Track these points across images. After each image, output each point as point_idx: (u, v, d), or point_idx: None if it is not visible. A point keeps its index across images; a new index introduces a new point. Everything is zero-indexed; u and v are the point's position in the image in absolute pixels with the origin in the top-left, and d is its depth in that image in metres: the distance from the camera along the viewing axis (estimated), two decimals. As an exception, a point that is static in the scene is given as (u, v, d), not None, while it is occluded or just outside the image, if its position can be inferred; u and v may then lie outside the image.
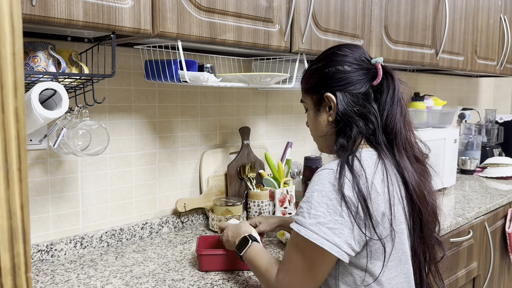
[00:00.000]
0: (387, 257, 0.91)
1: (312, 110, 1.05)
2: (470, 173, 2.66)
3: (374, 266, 0.91)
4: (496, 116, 3.14)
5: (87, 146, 1.20)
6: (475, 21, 2.34)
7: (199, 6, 1.19)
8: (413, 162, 0.99)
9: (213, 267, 1.22)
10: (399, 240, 0.93)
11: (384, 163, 0.93)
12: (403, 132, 0.98)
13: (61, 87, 1.06)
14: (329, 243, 0.86)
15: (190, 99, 1.64)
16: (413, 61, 1.94)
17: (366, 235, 0.87)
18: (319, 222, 0.87)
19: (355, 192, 0.87)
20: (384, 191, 0.90)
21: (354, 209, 0.86)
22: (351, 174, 0.88)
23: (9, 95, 0.44)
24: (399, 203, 0.93)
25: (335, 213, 0.87)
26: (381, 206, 0.89)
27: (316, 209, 0.88)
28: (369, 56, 1.02)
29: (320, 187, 0.89)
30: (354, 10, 1.63)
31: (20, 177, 0.45)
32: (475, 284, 2.03)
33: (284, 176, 1.78)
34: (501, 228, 2.18)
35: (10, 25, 0.44)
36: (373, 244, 0.89)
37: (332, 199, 0.87)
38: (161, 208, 1.59)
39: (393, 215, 0.90)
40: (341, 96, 0.97)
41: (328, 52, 1.04)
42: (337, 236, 0.86)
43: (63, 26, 1.00)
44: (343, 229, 0.86)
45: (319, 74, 1.02)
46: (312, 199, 0.89)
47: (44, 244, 1.29)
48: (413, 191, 0.95)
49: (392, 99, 0.97)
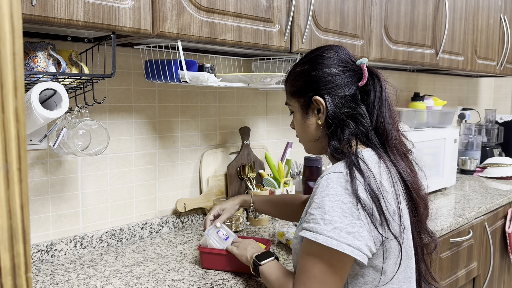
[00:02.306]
0: (403, 254, 0.92)
1: (300, 113, 1.04)
2: (470, 173, 2.66)
3: (386, 265, 0.91)
4: (496, 116, 3.14)
5: (87, 146, 1.20)
6: (475, 21, 2.34)
7: (199, 6, 1.19)
8: (404, 159, 1.01)
9: (215, 266, 1.22)
10: (406, 236, 0.95)
11: (385, 162, 0.95)
12: (394, 132, 0.99)
13: (61, 87, 1.06)
14: (351, 248, 0.84)
15: (190, 99, 1.64)
16: (413, 61, 1.94)
17: (383, 235, 0.87)
18: (336, 228, 0.85)
19: (368, 193, 0.87)
20: (392, 189, 0.91)
21: (369, 210, 0.86)
22: (361, 176, 0.88)
23: (9, 95, 0.44)
24: (404, 200, 0.95)
25: (352, 216, 0.85)
26: (392, 205, 0.90)
27: (331, 214, 0.86)
28: (354, 57, 1.03)
29: (332, 191, 0.87)
30: (354, 10, 1.63)
31: (20, 177, 0.45)
32: (475, 284, 2.03)
33: (284, 176, 1.78)
34: (501, 228, 2.18)
35: (10, 25, 0.44)
36: (387, 243, 0.89)
37: (346, 203, 0.86)
38: (161, 208, 1.59)
39: (401, 212, 0.91)
40: (329, 99, 0.97)
41: (312, 54, 1.04)
42: (357, 239, 0.85)
43: (63, 26, 1.00)
44: (362, 232, 0.85)
45: (306, 77, 1.01)
46: (325, 204, 0.87)
47: (44, 244, 1.29)
48: (412, 188, 0.97)
49: (381, 100, 0.98)
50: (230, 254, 1.19)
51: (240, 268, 1.20)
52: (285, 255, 1.36)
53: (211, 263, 1.23)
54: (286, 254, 1.36)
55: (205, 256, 1.23)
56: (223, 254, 1.21)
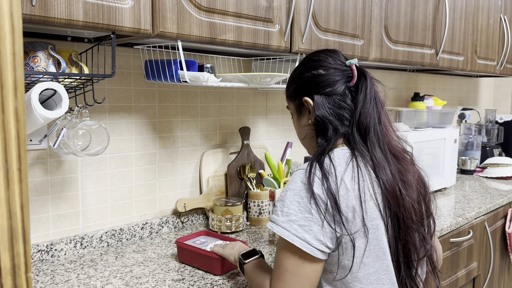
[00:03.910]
0: (360, 252, 0.92)
1: (295, 114, 1.09)
2: (470, 173, 2.66)
3: (349, 262, 0.92)
4: (496, 116, 3.14)
5: (87, 146, 1.20)
6: (475, 21, 2.34)
7: (199, 6, 1.19)
8: (390, 159, 0.99)
9: (189, 261, 1.27)
10: (374, 236, 0.92)
11: (356, 161, 0.95)
12: (378, 128, 0.99)
13: (61, 87, 1.06)
14: (299, 240, 0.89)
15: (190, 99, 1.64)
16: (413, 61, 1.94)
17: (337, 230, 0.89)
18: (290, 220, 0.90)
19: (323, 189, 0.90)
20: (354, 188, 0.91)
21: (323, 206, 0.89)
22: (321, 172, 0.91)
23: (9, 95, 0.44)
24: (371, 199, 0.93)
25: (305, 210, 0.90)
26: (351, 202, 0.90)
27: (288, 207, 0.91)
28: (344, 59, 1.05)
29: (293, 186, 0.93)
30: (354, 10, 1.63)
31: (20, 177, 0.45)
32: (475, 284, 2.03)
33: (284, 176, 1.78)
34: (501, 228, 2.18)
35: (10, 25, 0.44)
36: (344, 239, 0.90)
37: (303, 197, 0.91)
38: (161, 208, 1.59)
39: (364, 211, 0.91)
40: (318, 99, 1.01)
41: (305, 59, 1.09)
42: (306, 232, 0.89)
43: (63, 26, 1.00)
44: (312, 226, 0.89)
45: (297, 80, 1.07)
46: (286, 197, 0.93)
47: (44, 244, 1.29)
48: (385, 188, 0.94)
49: (365, 98, 1.00)
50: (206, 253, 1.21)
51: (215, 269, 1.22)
52: (285, 255, 1.36)
53: (185, 258, 1.28)
54: (286, 254, 1.36)
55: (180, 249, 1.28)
56: (200, 253, 1.23)
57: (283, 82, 1.63)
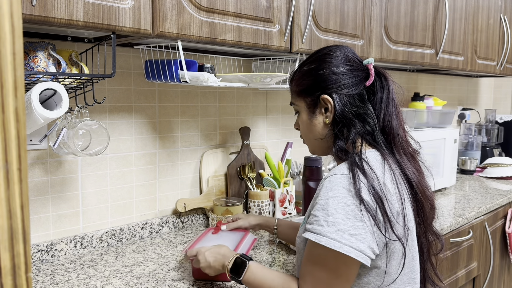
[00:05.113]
0: (407, 255, 0.92)
1: (306, 112, 1.03)
2: (470, 173, 2.66)
3: (390, 266, 0.91)
4: (496, 116, 3.14)
5: (87, 146, 1.20)
6: (475, 21, 2.34)
7: (199, 6, 1.19)
8: (411, 159, 1.00)
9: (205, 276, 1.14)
10: (410, 237, 0.94)
11: (389, 163, 0.94)
12: (400, 132, 0.99)
13: (61, 87, 1.06)
14: (354, 250, 0.84)
15: (190, 99, 1.64)
16: (413, 61, 1.94)
17: (386, 236, 0.87)
18: (339, 229, 0.85)
19: (371, 195, 0.86)
20: (395, 191, 0.91)
21: (373, 212, 0.85)
22: (365, 177, 0.88)
23: (9, 95, 0.44)
24: (408, 201, 0.94)
25: (355, 218, 0.85)
26: (395, 206, 0.89)
27: (334, 216, 0.85)
28: (360, 57, 1.03)
29: (335, 193, 0.87)
30: (354, 10, 1.63)
31: (20, 177, 0.45)
32: (475, 284, 2.03)
33: (284, 176, 1.78)
34: (501, 228, 2.18)
35: (10, 25, 0.44)
36: (391, 244, 0.89)
37: (349, 205, 0.86)
38: (161, 208, 1.59)
39: (405, 213, 0.91)
40: (337, 98, 0.97)
41: (319, 53, 1.03)
42: (360, 242, 0.85)
43: (63, 26, 1.00)
44: (365, 234, 0.85)
45: (313, 75, 1.00)
46: (328, 206, 0.87)
47: (44, 244, 1.29)
48: (417, 188, 0.96)
49: (388, 100, 0.98)
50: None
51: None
52: (285, 255, 1.36)
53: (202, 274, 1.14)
54: (286, 254, 1.36)
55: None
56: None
57: (283, 82, 1.63)
